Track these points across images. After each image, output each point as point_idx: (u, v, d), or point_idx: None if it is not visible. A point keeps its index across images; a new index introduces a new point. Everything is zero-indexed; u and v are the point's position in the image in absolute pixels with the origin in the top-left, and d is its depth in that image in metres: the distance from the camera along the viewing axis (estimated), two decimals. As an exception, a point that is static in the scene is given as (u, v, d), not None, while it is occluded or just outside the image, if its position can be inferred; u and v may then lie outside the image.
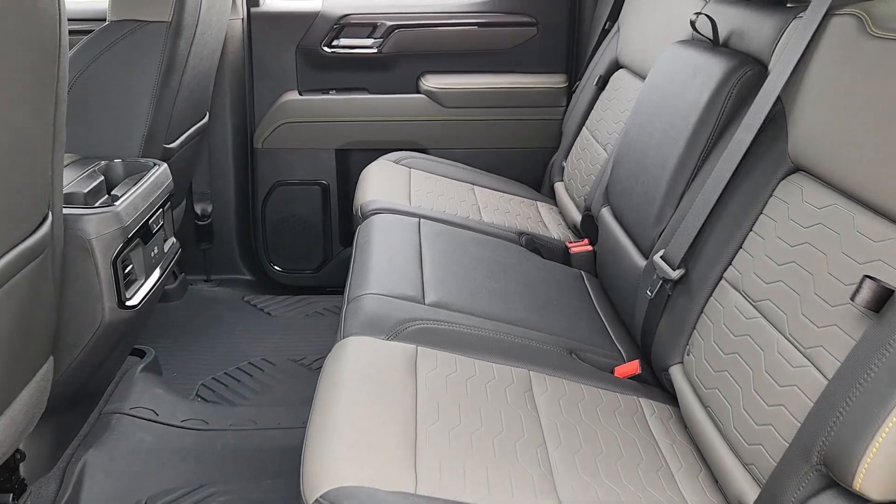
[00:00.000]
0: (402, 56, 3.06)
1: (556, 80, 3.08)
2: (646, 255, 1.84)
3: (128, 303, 1.79)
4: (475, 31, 3.04)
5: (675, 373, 1.60)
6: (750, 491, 1.26)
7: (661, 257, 1.70)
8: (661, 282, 1.68)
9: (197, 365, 2.55)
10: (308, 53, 3.03)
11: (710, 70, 1.78)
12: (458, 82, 3.05)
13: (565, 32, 3.08)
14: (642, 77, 2.43)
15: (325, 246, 3.19)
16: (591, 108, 2.77)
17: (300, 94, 3.06)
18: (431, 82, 3.05)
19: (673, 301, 1.67)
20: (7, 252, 1.28)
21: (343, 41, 3.02)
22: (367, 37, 3.03)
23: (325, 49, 3.02)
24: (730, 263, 1.55)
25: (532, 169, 3.09)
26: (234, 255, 3.19)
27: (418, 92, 3.07)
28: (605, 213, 2.20)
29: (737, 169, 1.60)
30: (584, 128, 2.77)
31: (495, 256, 2.17)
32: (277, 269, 3.19)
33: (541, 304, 1.96)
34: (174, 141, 2.37)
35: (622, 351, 1.82)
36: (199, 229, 3.10)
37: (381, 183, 2.63)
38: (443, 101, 3.04)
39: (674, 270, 1.65)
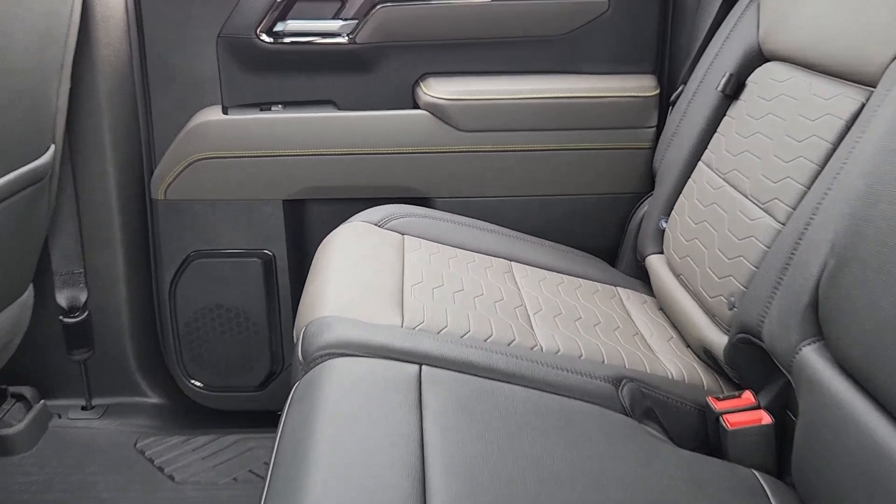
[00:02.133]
0: (391, 48, 1.89)
1: (640, 85, 1.90)
2: None
3: None
4: (509, 7, 1.88)
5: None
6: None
7: None
8: None
9: None
10: (237, 46, 1.87)
11: None
12: (480, 91, 1.88)
13: (655, 7, 1.90)
14: (832, 76, 1.29)
15: (272, 351, 2.02)
16: (714, 131, 1.61)
17: (225, 111, 1.90)
18: (438, 90, 1.88)
19: None
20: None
21: (293, 25, 1.86)
22: (334, 17, 1.87)
23: (264, 38, 1.86)
24: None
25: (602, 229, 1.93)
26: (129, 367, 2.03)
27: (416, 107, 1.91)
28: (818, 361, 1.02)
29: None
30: (701, 164, 1.60)
31: (588, 461, 1.00)
32: (197, 386, 2.03)
33: None
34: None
35: None
36: (69, 330, 1.95)
37: (349, 272, 1.46)
38: (457, 121, 1.87)
39: None
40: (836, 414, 0.97)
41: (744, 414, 1.18)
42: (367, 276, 1.43)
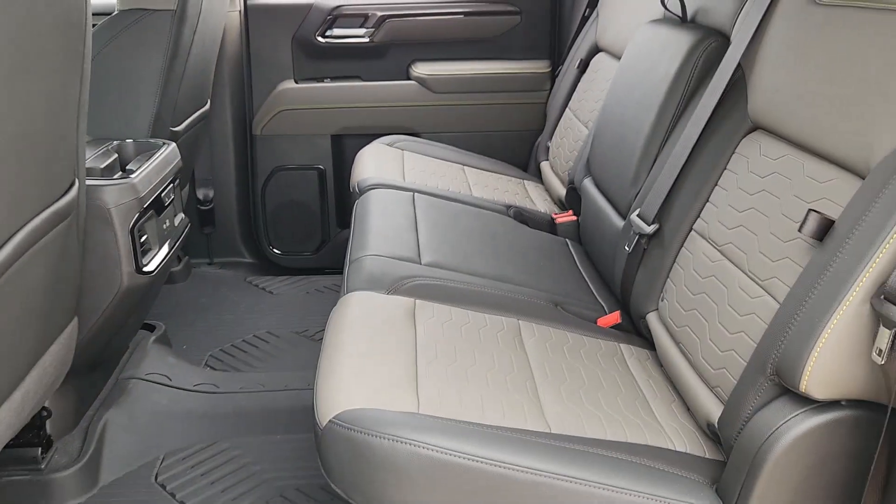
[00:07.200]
0: (394, 45, 3.22)
1: (539, 66, 3.24)
2: (624, 215, 2.00)
3: (144, 269, 1.93)
4: (462, 20, 3.21)
5: (652, 319, 1.74)
6: (716, 409, 1.38)
7: (638, 215, 1.85)
8: (637, 237, 1.83)
9: (204, 339, 2.69)
10: (303, 43, 3.18)
11: (678, 44, 1.94)
12: (447, 69, 3.21)
13: (547, 20, 3.24)
14: (619, 58, 2.59)
15: (323, 228, 3.33)
16: (573, 90, 2.92)
17: (296, 82, 3.20)
18: (422, 69, 3.21)
19: (648, 254, 1.82)
20: (39, 213, 1.36)
21: (336, 31, 3.17)
22: (360, 27, 3.18)
23: (320, 39, 3.17)
24: (698, 216, 1.70)
25: (519, 150, 3.25)
26: (236, 239, 3.33)
27: (409, 79, 3.23)
28: (587, 184, 2.35)
29: (703, 131, 1.75)
30: (567, 109, 2.92)
31: (486, 226, 2.32)
32: (277, 251, 3.33)
33: (529, 266, 2.11)
34: (180, 124, 2.51)
35: (604, 304, 1.98)
36: (202, 214, 3.24)
37: (376, 163, 2.77)
38: (433, 87, 3.20)
39: (648, 226, 1.80)
40: (591, 203, 2.30)
41: (566, 218, 2.51)
42: (385, 166, 2.75)
